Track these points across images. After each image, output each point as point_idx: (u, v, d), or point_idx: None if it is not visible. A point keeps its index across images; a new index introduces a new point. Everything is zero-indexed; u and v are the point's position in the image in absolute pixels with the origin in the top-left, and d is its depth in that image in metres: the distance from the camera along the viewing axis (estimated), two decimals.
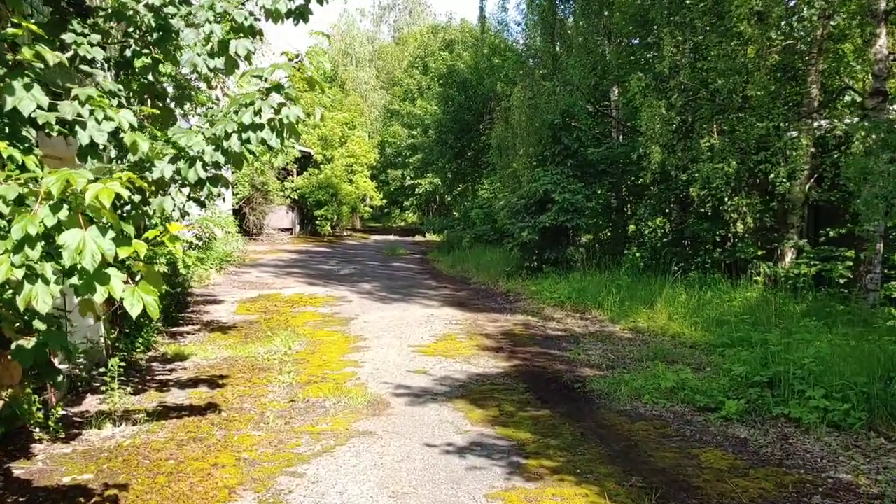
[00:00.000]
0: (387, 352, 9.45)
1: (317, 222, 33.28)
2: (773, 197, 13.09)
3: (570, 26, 19.41)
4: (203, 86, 9.86)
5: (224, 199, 11.30)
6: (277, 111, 4.74)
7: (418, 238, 35.97)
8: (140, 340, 9.16)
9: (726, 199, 12.74)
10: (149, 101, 5.51)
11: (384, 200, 43.21)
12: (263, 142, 4.75)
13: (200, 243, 11.09)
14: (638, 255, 16.49)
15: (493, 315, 12.55)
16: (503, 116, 19.29)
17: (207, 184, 4.86)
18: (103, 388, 7.17)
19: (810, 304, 11.13)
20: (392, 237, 36.86)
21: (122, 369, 8.17)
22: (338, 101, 38.74)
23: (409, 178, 40.67)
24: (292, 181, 32.99)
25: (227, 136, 4.73)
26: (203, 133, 4.79)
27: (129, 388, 7.65)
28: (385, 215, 50.30)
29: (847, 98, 14.34)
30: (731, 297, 11.80)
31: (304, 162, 33.47)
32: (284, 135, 4.83)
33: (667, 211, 16.41)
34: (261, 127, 4.72)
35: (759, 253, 13.05)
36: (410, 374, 8.22)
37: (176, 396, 7.48)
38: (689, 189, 14.28)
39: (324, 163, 33.80)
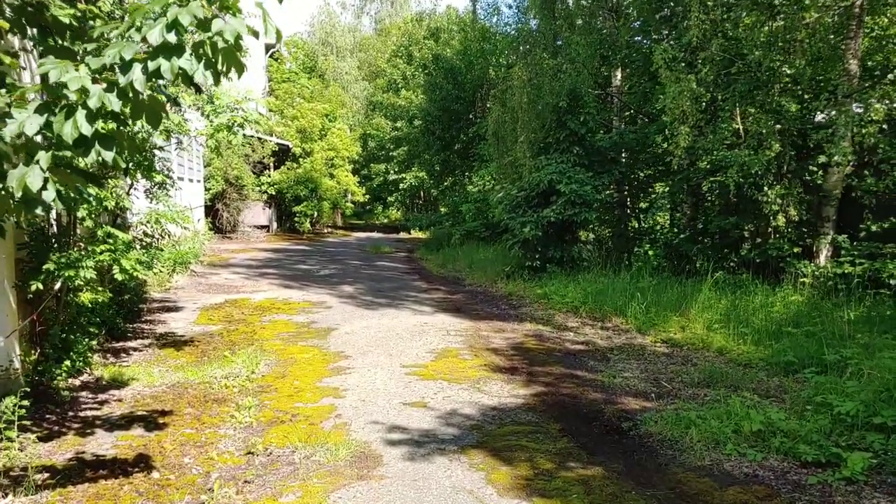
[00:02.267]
0: (375, 374, 7.64)
1: (295, 219, 31.29)
2: (808, 187, 11.46)
3: (572, 3, 17.62)
4: None
5: (173, 185, 9.41)
6: (204, 25, 2.92)
7: (403, 235, 34.10)
8: (67, 363, 7.27)
9: (766, 187, 11.05)
10: None
11: (367, 196, 41.33)
12: (183, 75, 2.94)
13: (147, 242, 9.20)
14: (651, 253, 14.81)
15: (497, 323, 10.77)
16: (500, 99, 17.47)
17: (98, 146, 3.04)
18: None
19: (863, 309, 9.48)
20: (376, 234, 34.97)
21: (31, 406, 6.33)
22: (317, 92, 36.77)
23: (392, 172, 38.79)
24: (269, 175, 30.99)
25: (125, 66, 2.91)
26: (87, 63, 2.97)
27: (39, 432, 5.80)
28: (368, 212, 48.36)
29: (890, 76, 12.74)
30: (770, 302, 10.11)
31: (282, 155, 31.48)
32: (219, 65, 3.02)
33: (683, 204, 14.73)
34: (178, 51, 2.90)
35: (795, 250, 11.40)
36: (406, 407, 6.42)
37: (99, 443, 5.63)
38: (706, 179, 12.64)
39: (303, 156, 31.82)
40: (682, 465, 5.02)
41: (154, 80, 2.94)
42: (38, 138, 3.10)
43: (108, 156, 3.05)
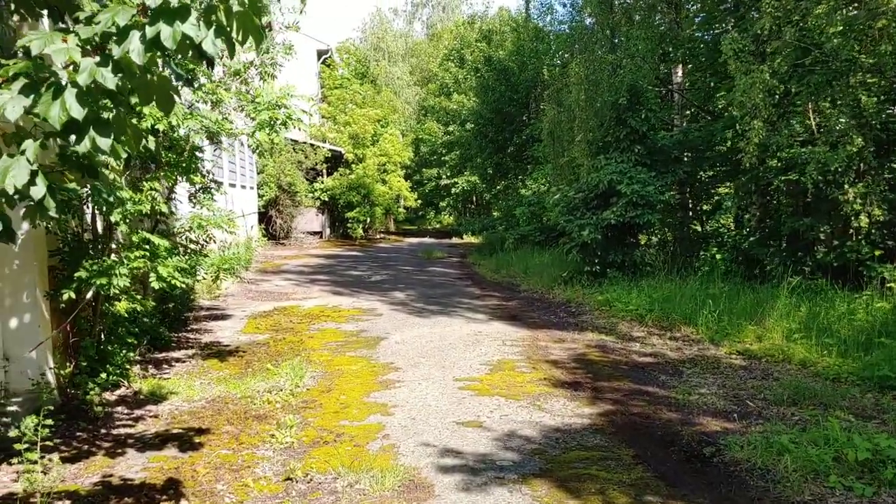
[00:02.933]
0: (426, 389, 7.10)
1: (348, 225, 31.02)
2: (890, 185, 10.54)
3: None
4: None
5: (218, 188, 9.08)
6: None
7: (455, 240, 33.54)
8: (103, 376, 6.92)
9: (847, 185, 10.17)
10: None
11: (419, 201, 40.92)
12: (191, 44, 2.44)
13: (192, 249, 8.85)
14: (719, 257, 13.96)
15: (555, 333, 10.13)
16: (555, 98, 16.79)
17: (93, 132, 2.56)
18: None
19: None
20: (428, 239, 34.50)
21: (64, 421, 5.98)
22: (369, 98, 36.52)
23: (444, 177, 38.30)
24: (322, 182, 30.82)
25: (121, 34, 2.42)
26: (76, 33, 2.50)
27: (67, 451, 5.42)
28: (420, 217, 47.96)
29: None
30: (851, 309, 9.22)
31: (335, 162, 31.30)
32: (234, 32, 2.51)
33: (752, 205, 13.84)
34: (182, 14, 2.40)
35: (877, 253, 10.47)
36: (460, 427, 5.86)
37: (129, 465, 5.22)
38: (776, 178, 11.77)
39: (355, 162, 31.55)
40: (777, 499, 4.33)
41: (154, 50, 2.44)
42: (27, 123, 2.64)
43: (105, 143, 2.56)
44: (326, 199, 30.63)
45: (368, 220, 31.77)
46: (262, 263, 20.83)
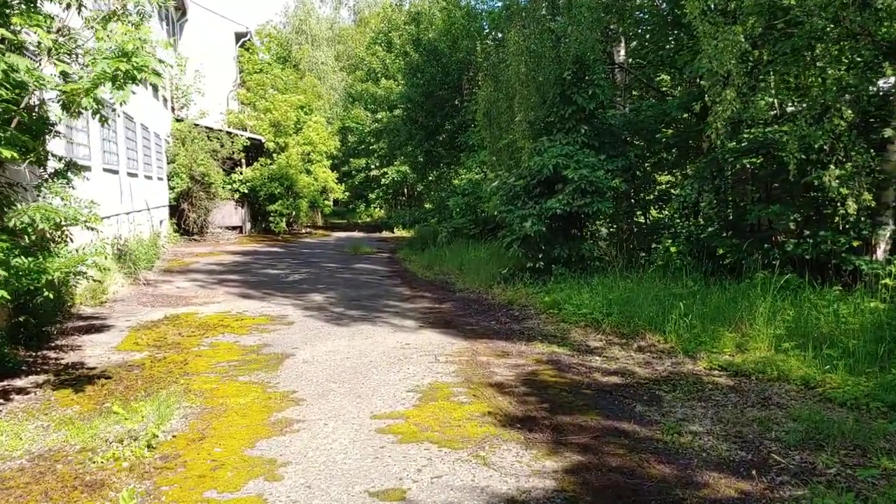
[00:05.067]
0: (333, 432, 5.33)
1: (270, 219, 28.76)
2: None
3: None
4: None
5: (78, 173, 7.02)
6: None
7: (386, 234, 31.66)
8: None
9: (833, 166, 8.81)
10: None
11: (347, 194, 38.90)
12: None
13: (35, 246, 6.82)
14: (673, 249, 12.55)
15: (498, 344, 8.47)
16: (491, 74, 15.10)
17: None
18: None
19: None
20: (357, 234, 32.51)
21: None
22: (292, 83, 34.26)
23: (374, 167, 36.34)
24: (241, 173, 28.49)
25: None
26: None
27: None
28: (349, 211, 45.84)
29: None
30: (838, 311, 7.84)
31: (255, 151, 28.98)
32: None
33: (712, 190, 12.48)
34: None
35: (855, 244, 9.21)
36: (375, 502, 4.12)
37: None
38: (738, 160, 10.44)
39: (276, 151, 29.31)
40: None
41: None
42: None
43: None
44: (246, 191, 28.34)
45: (293, 213, 29.62)
46: (169, 262, 18.63)
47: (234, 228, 28.68)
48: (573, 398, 6.14)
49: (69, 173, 7.68)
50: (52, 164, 7.76)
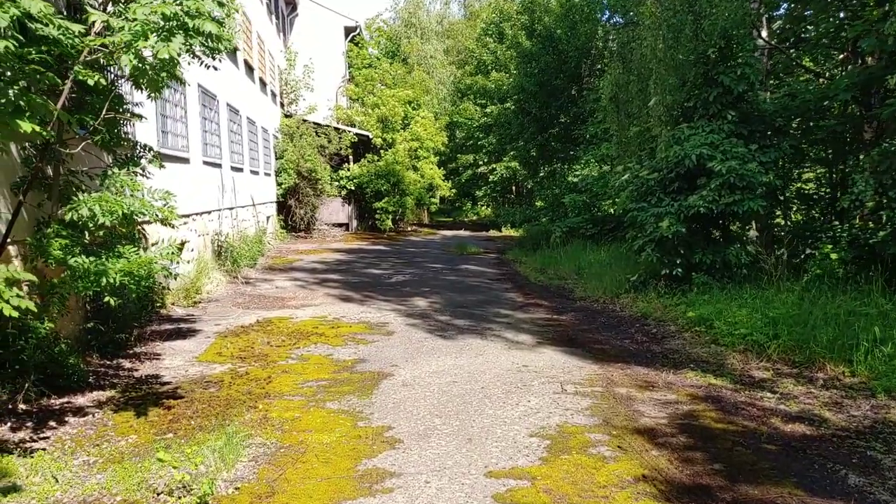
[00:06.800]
0: (437, 496, 4.03)
1: (376, 216, 27.98)
2: None
3: None
4: None
5: (153, 161, 5.98)
6: None
7: (493, 233, 30.30)
8: None
9: None
10: None
11: (453, 191, 37.75)
12: None
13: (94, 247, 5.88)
14: (834, 256, 10.59)
15: (637, 370, 6.96)
16: (620, 55, 13.45)
17: None
18: None
19: None
20: (464, 232, 31.31)
21: None
22: (400, 78, 33.41)
23: (482, 163, 35.02)
24: (348, 169, 27.84)
25: None
26: None
27: None
28: (456, 209, 44.77)
29: None
30: None
31: (362, 147, 28.27)
32: None
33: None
34: None
35: None
36: None
37: None
38: None
39: (384, 148, 28.49)
40: None
41: None
42: None
43: None
44: (353, 187, 27.67)
45: (399, 210, 28.71)
46: (273, 259, 17.98)
47: (340, 225, 28.09)
48: (754, 457, 4.58)
49: (142, 160, 6.73)
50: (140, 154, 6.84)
